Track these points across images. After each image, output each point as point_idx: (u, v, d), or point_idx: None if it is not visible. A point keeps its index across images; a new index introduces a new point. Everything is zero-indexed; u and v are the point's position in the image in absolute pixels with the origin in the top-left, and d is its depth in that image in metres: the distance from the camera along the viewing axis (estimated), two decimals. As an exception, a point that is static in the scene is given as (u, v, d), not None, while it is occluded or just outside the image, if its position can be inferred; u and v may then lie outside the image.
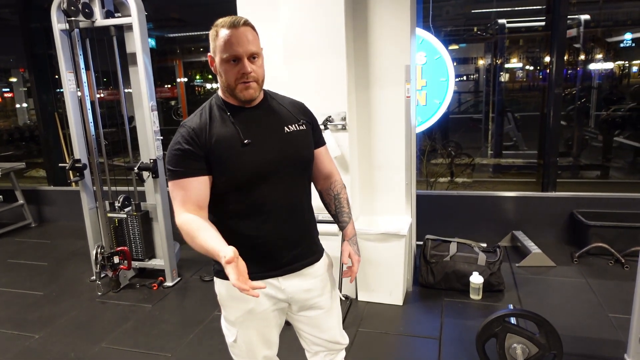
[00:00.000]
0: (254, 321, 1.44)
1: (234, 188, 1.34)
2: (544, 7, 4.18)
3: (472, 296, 3.03)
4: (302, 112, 1.48)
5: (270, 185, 1.35)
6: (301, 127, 1.43)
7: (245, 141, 1.31)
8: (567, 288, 3.14)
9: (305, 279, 1.46)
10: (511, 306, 2.77)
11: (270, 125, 1.39)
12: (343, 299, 1.64)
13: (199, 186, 1.30)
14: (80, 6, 3.04)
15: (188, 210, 1.29)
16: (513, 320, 2.18)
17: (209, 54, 1.35)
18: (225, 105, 1.37)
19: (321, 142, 1.54)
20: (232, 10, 3.10)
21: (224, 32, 1.27)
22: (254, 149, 1.33)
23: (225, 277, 1.39)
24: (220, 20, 1.31)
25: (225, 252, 1.12)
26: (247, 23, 1.29)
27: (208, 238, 1.21)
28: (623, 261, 3.37)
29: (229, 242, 1.29)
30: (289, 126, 1.41)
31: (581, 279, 3.24)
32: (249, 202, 1.35)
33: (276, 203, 1.37)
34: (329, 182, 1.58)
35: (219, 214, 1.39)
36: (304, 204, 1.47)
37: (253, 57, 1.30)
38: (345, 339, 1.63)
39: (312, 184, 1.57)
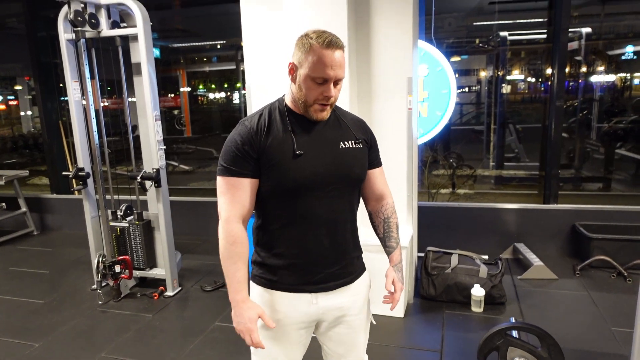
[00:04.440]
0: (279, 332, 1.43)
1: (278, 195, 1.34)
2: (546, 20, 4.21)
3: (473, 309, 3.02)
4: (361, 130, 1.47)
5: (315, 198, 1.34)
6: (357, 145, 1.42)
7: (297, 152, 1.31)
8: (569, 301, 3.13)
9: (340, 297, 1.44)
10: (513, 319, 2.75)
11: (327, 138, 1.38)
12: (374, 323, 1.61)
13: (249, 188, 1.33)
14: (87, 17, 3.08)
15: (235, 213, 1.33)
16: (515, 333, 2.17)
17: (290, 61, 1.33)
18: (287, 112, 1.37)
19: (377, 163, 1.52)
20: (236, 24, 3.13)
21: (319, 51, 1.25)
22: (305, 160, 1.32)
23: (259, 283, 1.43)
24: (314, 33, 1.28)
25: (250, 315, 1.32)
26: (342, 47, 1.29)
27: (240, 274, 1.33)
28: (625, 274, 3.36)
29: (269, 246, 1.39)
30: (345, 142, 1.40)
31: (583, 292, 3.22)
32: (291, 212, 1.35)
33: (319, 217, 1.35)
34: (380, 204, 1.54)
35: (264, 216, 1.40)
36: (348, 223, 1.44)
37: (337, 81, 1.31)
38: None
39: (363, 204, 1.55)
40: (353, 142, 1.41)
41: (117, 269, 3.30)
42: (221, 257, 1.34)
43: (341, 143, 1.40)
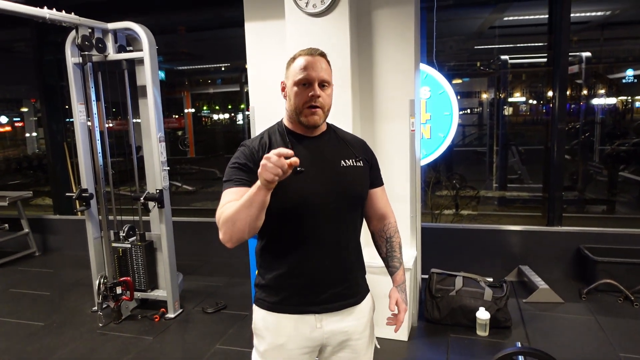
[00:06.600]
0: (282, 357, 1.40)
1: (279, 214, 1.33)
2: (546, 44, 4.26)
3: (478, 332, 2.97)
4: (362, 149, 1.49)
5: (316, 217, 1.34)
6: (358, 164, 1.43)
7: (298, 168, 1.31)
8: (576, 325, 3.08)
9: (344, 320, 1.42)
10: (519, 344, 2.71)
11: (327, 156, 1.40)
12: (378, 347, 1.58)
13: None
14: (94, 41, 3.14)
15: None
16: (521, 359, 2.13)
17: (281, 80, 1.41)
18: (287, 132, 1.40)
19: (378, 183, 1.53)
20: (240, 47, 3.19)
21: (299, 57, 1.34)
22: (305, 178, 1.33)
23: (262, 306, 1.41)
24: (298, 51, 1.37)
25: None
26: (323, 54, 1.36)
27: (245, 196, 1.17)
28: (632, 298, 3.31)
29: (272, 267, 1.37)
30: (346, 161, 1.41)
31: (590, 316, 3.17)
32: (292, 231, 1.34)
33: (320, 236, 1.35)
34: (382, 224, 1.55)
35: (266, 237, 1.39)
36: (351, 242, 1.44)
37: (323, 85, 1.34)
38: None
39: (366, 224, 1.55)
40: (353, 160, 1.43)
41: (119, 290, 3.28)
42: (234, 221, 1.19)
43: (341, 161, 1.41)
